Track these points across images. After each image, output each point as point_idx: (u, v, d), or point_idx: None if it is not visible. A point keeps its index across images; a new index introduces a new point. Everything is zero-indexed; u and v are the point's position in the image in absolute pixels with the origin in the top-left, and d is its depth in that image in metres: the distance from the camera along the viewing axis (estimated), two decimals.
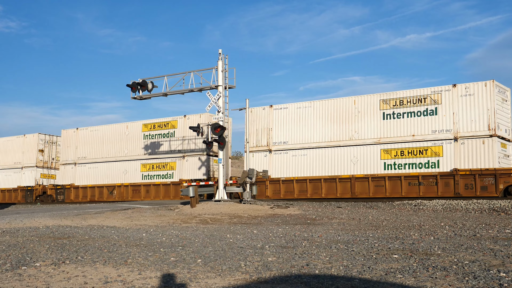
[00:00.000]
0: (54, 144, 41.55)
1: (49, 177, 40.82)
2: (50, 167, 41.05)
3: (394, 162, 26.03)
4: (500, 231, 11.47)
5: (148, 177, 34.35)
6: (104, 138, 36.61)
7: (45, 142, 40.75)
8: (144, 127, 35.19)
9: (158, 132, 34.63)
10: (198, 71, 24.33)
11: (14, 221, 15.44)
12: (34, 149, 40.75)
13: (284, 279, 6.47)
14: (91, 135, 37.53)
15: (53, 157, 41.35)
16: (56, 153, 41.32)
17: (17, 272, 7.07)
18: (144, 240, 10.89)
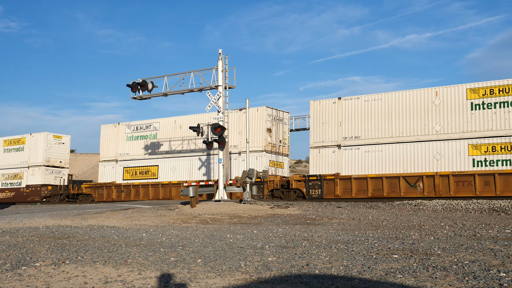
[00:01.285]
0: (281, 122, 32.17)
1: (277, 165, 31.69)
2: (278, 152, 31.78)
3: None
4: (500, 231, 11.47)
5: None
6: (390, 110, 26.63)
7: (272, 119, 31.60)
8: None
9: None
10: (198, 71, 24.33)
11: (14, 221, 15.44)
12: (261, 127, 31.11)
13: (284, 279, 6.47)
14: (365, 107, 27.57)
15: (281, 138, 32.22)
16: (283, 134, 32.56)
17: (17, 272, 7.07)
18: (144, 240, 10.89)
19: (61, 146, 41.03)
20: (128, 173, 36.02)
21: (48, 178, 39.65)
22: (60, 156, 40.82)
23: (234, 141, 31.88)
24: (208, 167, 32.54)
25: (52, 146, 40.09)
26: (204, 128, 24.91)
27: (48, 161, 39.78)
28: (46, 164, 39.69)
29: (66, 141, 41.34)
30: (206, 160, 32.74)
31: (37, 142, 40.10)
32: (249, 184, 23.08)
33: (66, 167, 41.13)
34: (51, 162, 40.03)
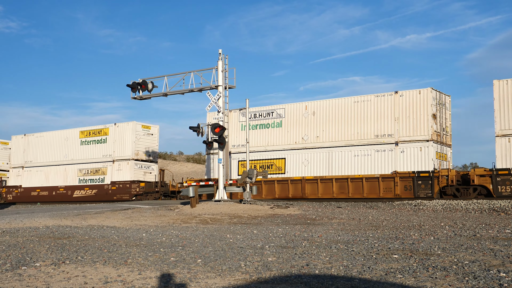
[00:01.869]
0: (443, 107, 27.54)
1: (442, 157, 26.99)
2: (442, 142, 27.10)
3: None
4: (500, 231, 11.47)
5: None
6: None
7: (436, 103, 26.70)
8: None
9: None
10: (198, 71, 24.33)
11: (14, 221, 15.44)
12: (426, 112, 26.20)
13: (284, 279, 6.47)
14: None
15: (444, 126, 27.50)
16: (445, 121, 27.66)
17: (17, 272, 7.07)
18: (144, 240, 10.89)
19: (150, 137, 36.51)
20: (246, 168, 31.19)
21: (138, 174, 35.27)
22: (149, 148, 36.53)
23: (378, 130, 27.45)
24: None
25: (141, 137, 35.58)
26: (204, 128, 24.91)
27: (137, 154, 35.31)
28: (135, 158, 35.25)
29: (155, 131, 36.87)
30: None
31: (124, 133, 35.61)
32: (249, 184, 23.09)
33: (155, 161, 36.89)
34: (140, 156, 35.56)
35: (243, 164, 29.14)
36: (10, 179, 42.63)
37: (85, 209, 22.37)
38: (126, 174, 34.97)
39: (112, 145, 36.19)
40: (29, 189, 40.29)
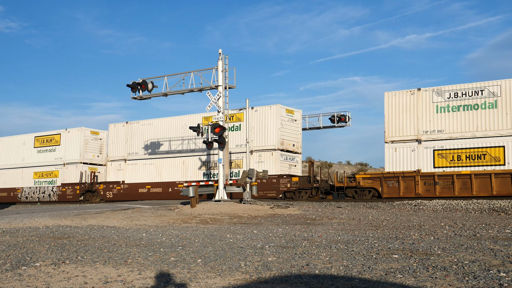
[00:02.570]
0: None
1: None
2: None
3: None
4: (500, 231, 11.47)
5: None
6: None
7: None
8: None
9: None
10: (198, 71, 24.34)
11: (14, 221, 15.44)
12: None
13: (284, 279, 6.47)
14: None
15: None
16: None
17: (17, 272, 7.07)
18: (144, 240, 10.89)
19: (294, 124, 30.41)
20: (444, 158, 25.74)
21: (283, 167, 29.29)
22: (294, 137, 30.25)
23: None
24: None
25: (286, 123, 29.70)
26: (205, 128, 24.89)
27: (282, 144, 29.20)
28: (280, 148, 29.10)
29: (298, 117, 30.82)
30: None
31: (267, 118, 29.45)
32: (249, 184, 23.09)
33: (299, 152, 30.78)
34: (284, 146, 29.49)
35: (441, 154, 25.54)
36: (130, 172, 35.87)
37: (85, 209, 22.37)
38: (271, 167, 28.70)
39: (249, 132, 27.59)
40: (136, 185, 34.78)
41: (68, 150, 37.93)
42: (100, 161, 38.33)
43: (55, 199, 37.66)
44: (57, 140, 38.79)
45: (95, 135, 38.46)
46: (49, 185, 38.46)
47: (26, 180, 39.88)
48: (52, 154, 38.85)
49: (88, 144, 37.73)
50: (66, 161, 37.82)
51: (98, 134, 38.60)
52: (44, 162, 39.17)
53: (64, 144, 38.23)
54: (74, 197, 36.48)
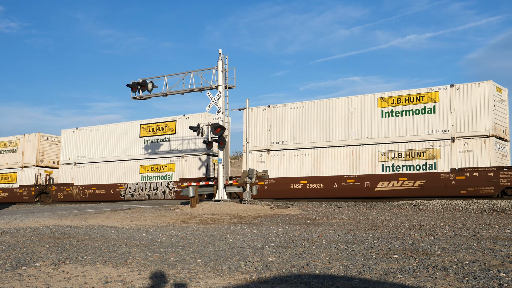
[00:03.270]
0: None
1: None
2: None
3: None
4: (500, 231, 11.47)
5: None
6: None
7: None
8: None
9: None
10: (198, 71, 24.33)
11: (14, 221, 15.44)
12: None
13: (284, 279, 6.47)
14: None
15: None
16: None
17: (17, 272, 7.07)
18: (144, 240, 10.89)
19: (502, 105, 25.71)
20: None
21: (497, 158, 24.39)
22: (503, 121, 25.66)
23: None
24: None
25: (497, 104, 25.48)
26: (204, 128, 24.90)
27: (495, 129, 24.48)
28: (494, 135, 24.31)
29: (505, 97, 26.94)
30: None
31: (473, 97, 24.54)
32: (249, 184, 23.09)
33: (508, 140, 25.85)
34: (497, 132, 24.88)
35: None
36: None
37: (85, 209, 22.37)
38: (483, 157, 24.01)
39: (450, 115, 24.79)
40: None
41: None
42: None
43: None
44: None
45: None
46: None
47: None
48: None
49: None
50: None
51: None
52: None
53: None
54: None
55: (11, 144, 42.22)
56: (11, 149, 42.06)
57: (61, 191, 37.63)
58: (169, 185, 32.25)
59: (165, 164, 32.88)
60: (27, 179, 40.71)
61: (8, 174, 42.07)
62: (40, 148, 40.60)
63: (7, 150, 42.28)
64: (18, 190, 40.30)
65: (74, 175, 37.69)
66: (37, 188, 39.05)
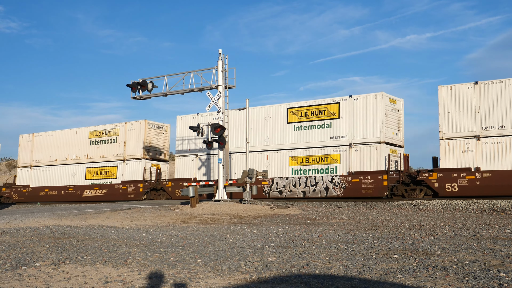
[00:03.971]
0: None
1: None
2: None
3: None
4: (500, 231, 11.47)
5: None
6: None
7: None
8: None
9: None
10: (198, 71, 24.33)
11: (14, 221, 15.44)
12: None
13: (284, 279, 6.47)
14: None
15: None
16: None
17: (17, 272, 7.07)
18: (144, 240, 10.89)
19: None
20: None
21: None
22: None
23: None
24: None
25: None
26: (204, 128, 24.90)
27: None
28: None
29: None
30: None
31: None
32: (249, 184, 23.08)
33: None
34: None
35: None
36: None
37: (85, 209, 22.37)
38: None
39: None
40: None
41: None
42: None
43: None
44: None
45: None
46: None
47: None
48: None
49: None
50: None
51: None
52: None
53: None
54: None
55: (109, 134, 36.74)
56: (109, 139, 36.71)
57: (178, 187, 32.27)
58: (334, 180, 27.82)
59: (326, 155, 28.54)
60: (130, 174, 35.30)
61: (106, 168, 36.65)
62: (147, 137, 35.24)
63: (103, 141, 36.96)
64: (121, 187, 34.95)
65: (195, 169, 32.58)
66: (145, 184, 34.09)
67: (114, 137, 36.31)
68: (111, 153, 36.26)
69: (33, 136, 41.05)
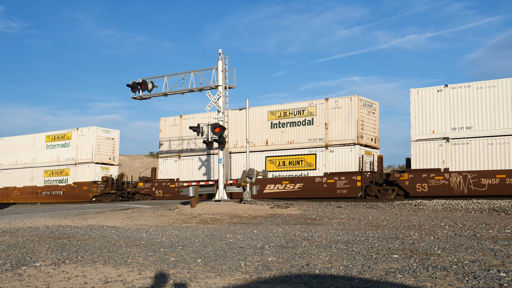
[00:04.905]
0: None
1: None
2: None
3: None
4: (500, 231, 11.47)
5: None
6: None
7: None
8: None
9: None
10: (198, 71, 24.33)
11: (14, 221, 15.44)
12: None
13: (284, 279, 6.47)
14: None
15: None
16: None
17: (17, 272, 7.07)
18: (144, 240, 10.89)
19: None
20: None
21: None
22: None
23: None
24: None
25: None
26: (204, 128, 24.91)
27: None
28: None
29: None
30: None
31: None
32: (249, 184, 23.08)
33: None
34: None
35: None
36: None
37: (85, 209, 22.37)
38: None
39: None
40: None
41: None
42: None
43: None
44: None
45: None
46: None
47: None
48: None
49: None
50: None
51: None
52: None
53: None
54: None
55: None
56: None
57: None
58: None
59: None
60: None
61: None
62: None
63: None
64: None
65: None
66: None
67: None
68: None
69: None
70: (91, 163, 36.95)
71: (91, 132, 37.41)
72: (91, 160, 36.95)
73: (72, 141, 38.51)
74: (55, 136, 39.98)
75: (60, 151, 39.42)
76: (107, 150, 37.99)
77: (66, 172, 38.50)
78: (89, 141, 37.44)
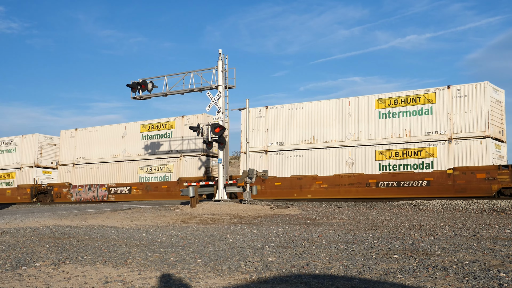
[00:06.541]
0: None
1: None
2: None
3: None
4: (500, 231, 11.47)
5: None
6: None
7: None
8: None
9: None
10: (198, 71, 24.33)
11: (14, 221, 15.44)
12: None
13: (284, 279, 6.47)
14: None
15: None
16: None
17: (17, 272, 7.07)
18: (144, 240, 10.89)
19: None
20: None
21: None
22: None
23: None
24: None
25: None
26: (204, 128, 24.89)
27: None
28: None
29: None
30: None
31: None
32: (249, 184, 23.08)
33: None
34: None
35: None
36: None
37: (85, 209, 22.37)
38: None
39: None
40: None
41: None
42: None
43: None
44: None
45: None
46: None
47: None
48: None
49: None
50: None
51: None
52: None
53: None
54: None
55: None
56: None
57: None
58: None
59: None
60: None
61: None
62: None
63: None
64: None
65: None
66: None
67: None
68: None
69: None
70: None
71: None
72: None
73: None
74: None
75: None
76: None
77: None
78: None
